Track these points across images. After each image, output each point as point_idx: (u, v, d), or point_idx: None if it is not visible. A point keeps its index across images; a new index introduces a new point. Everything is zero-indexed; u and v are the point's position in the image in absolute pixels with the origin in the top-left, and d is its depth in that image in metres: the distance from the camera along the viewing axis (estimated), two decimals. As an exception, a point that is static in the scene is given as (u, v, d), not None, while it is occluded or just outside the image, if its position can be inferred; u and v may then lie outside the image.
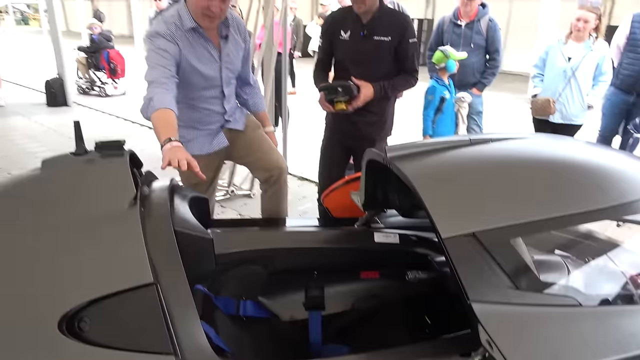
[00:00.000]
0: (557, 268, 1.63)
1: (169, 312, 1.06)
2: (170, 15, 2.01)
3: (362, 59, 2.45)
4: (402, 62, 2.50)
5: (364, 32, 2.42)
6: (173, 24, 1.98)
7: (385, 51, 2.43)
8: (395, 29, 2.42)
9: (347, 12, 2.49)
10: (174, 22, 1.98)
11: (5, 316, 1.00)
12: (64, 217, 1.16)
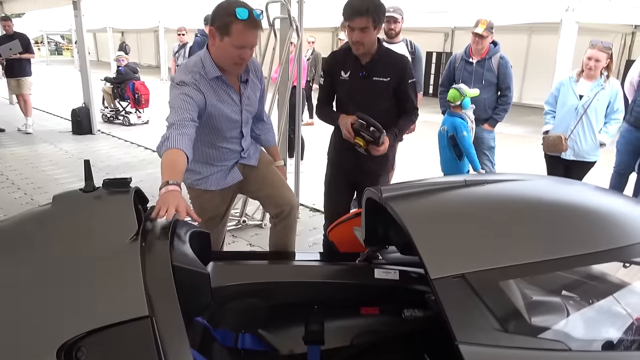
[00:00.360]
0: (555, 310, 1.62)
1: (162, 344, 1.10)
2: (194, 64, 2.08)
3: (362, 99, 2.52)
4: (403, 102, 2.57)
5: (363, 73, 2.50)
6: (197, 73, 2.04)
7: (384, 91, 2.51)
8: (394, 70, 2.50)
9: (348, 52, 2.57)
10: (198, 72, 2.04)
11: (8, 342, 1.06)
12: (69, 251, 1.23)
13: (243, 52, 2.00)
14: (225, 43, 1.96)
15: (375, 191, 1.59)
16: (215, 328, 1.71)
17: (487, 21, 4.03)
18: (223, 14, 1.93)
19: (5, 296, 1.12)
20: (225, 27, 1.93)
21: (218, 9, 1.97)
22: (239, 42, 1.95)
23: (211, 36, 2.01)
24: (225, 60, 2.04)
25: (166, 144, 1.78)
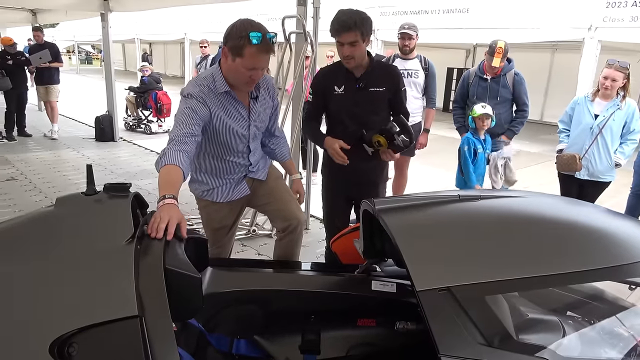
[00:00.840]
0: (549, 328, 1.61)
1: (150, 344, 1.14)
2: (204, 78, 2.10)
3: (359, 111, 2.57)
4: (398, 108, 2.67)
5: (360, 85, 2.55)
6: (206, 87, 2.06)
7: (381, 101, 2.58)
8: (387, 80, 2.58)
9: (338, 67, 2.62)
10: (207, 85, 2.07)
11: (3, 336, 1.11)
12: (67, 250, 1.29)
13: (254, 73, 2.01)
14: (237, 64, 1.97)
15: (370, 203, 1.62)
16: (210, 333, 1.74)
17: (502, 49, 3.95)
18: (236, 35, 1.93)
19: (2, 292, 1.18)
20: (237, 48, 1.93)
21: (232, 29, 1.96)
22: (250, 64, 1.96)
23: (224, 55, 2.02)
24: (235, 80, 2.06)
25: (163, 160, 1.80)
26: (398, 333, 1.82)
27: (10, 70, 7.40)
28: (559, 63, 12.65)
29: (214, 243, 2.43)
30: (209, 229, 2.43)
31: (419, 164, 6.31)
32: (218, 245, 2.45)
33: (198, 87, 2.06)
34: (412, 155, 4.58)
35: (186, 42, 17.10)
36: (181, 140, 1.89)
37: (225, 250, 2.51)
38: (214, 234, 2.43)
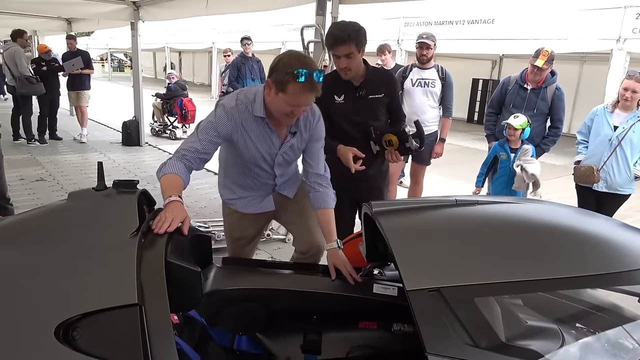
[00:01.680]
0: (548, 336, 1.61)
1: (148, 331, 1.21)
2: (245, 95, 2.01)
3: (360, 119, 2.62)
4: (396, 113, 2.75)
5: (360, 93, 2.61)
6: (244, 104, 1.98)
7: (381, 107, 2.65)
8: (385, 86, 2.64)
9: (336, 77, 2.65)
10: (245, 103, 1.99)
11: (12, 319, 1.19)
12: (75, 241, 1.37)
13: (296, 110, 1.91)
14: (280, 98, 1.87)
15: (368, 206, 1.66)
16: (212, 328, 1.80)
17: (549, 52, 3.89)
18: (282, 69, 1.82)
19: (12, 276, 1.27)
20: (282, 83, 1.83)
21: (278, 62, 1.86)
22: (293, 101, 1.86)
23: (267, 86, 1.92)
24: (276, 112, 1.96)
25: (163, 170, 1.83)
26: (398, 336, 1.85)
27: (44, 76, 7.72)
28: (588, 75, 12.43)
29: (232, 252, 2.42)
30: (229, 238, 2.43)
31: (437, 174, 6.30)
32: (236, 255, 2.43)
33: (235, 102, 2.00)
34: (428, 164, 4.58)
35: (214, 51, 17.48)
36: (186, 156, 1.89)
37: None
38: (233, 243, 2.43)
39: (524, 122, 3.81)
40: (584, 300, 1.82)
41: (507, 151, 3.90)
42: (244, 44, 7.50)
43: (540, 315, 1.76)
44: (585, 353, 1.56)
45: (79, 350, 1.16)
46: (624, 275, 1.36)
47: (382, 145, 2.59)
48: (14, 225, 1.48)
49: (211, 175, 6.57)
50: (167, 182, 1.76)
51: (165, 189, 1.71)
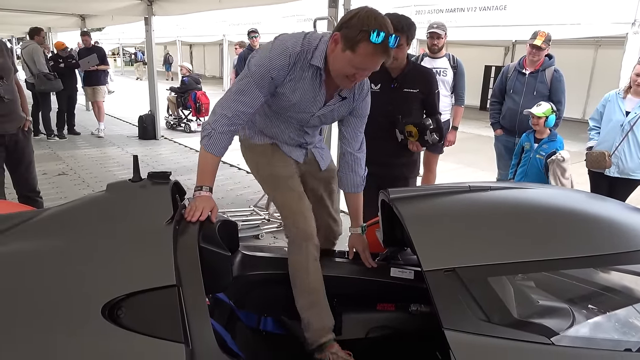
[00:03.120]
0: (558, 314, 1.69)
1: (185, 309, 1.32)
2: (309, 41, 1.78)
3: (392, 110, 2.69)
4: (430, 109, 2.80)
5: (395, 85, 2.68)
6: (305, 52, 1.76)
7: (413, 102, 2.70)
8: (422, 82, 2.69)
9: None
10: (306, 50, 1.76)
11: (64, 301, 1.31)
12: (116, 228, 1.48)
13: (359, 73, 1.72)
14: (345, 57, 1.67)
15: (386, 193, 1.75)
16: (240, 310, 1.91)
17: (545, 34, 4.04)
18: (357, 25, 1.62)
19: (63, 262, 1.38)
20: (352, 41, 1.63)
21: (353, 17, 1.65)
22: (360, 63, 1.67)
23: (334, 40, 1.71)
24: (335, 70, 1.75)
25: (208, 142, 1.75)
26: (415, 317, 1.94)
27: (61, 72, 7.88)
28: (602, 60, 12.29)
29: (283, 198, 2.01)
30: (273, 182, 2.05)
31: (451, 162, 6.35)
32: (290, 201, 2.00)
33: (300, 46, 1.75)
34: (441, 152, 4.64)
35: (225, 43, 17.57)
36: (235, 122, 1.76)
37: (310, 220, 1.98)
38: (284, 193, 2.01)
39: (547, 109, 3.82)
40: (595, 281, 1.89)
41: (531, 141, 3.94)
42: (251, 37, 7.51)
43: (552, 296, 1.84)
44: (595, 331, 1.64)
45: (124, 327, 1.27)
46: (633, 255, 1.43)
47: (404, 135, 2.69)
48: (59, 215, 1.60)
49: (226, 167, 6.71)
50: (204, 166, 1.75)
51: (201, 175, 1.74)
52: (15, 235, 1.49)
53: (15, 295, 1.30)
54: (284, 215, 2.01)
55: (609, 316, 1.75)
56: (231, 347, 1.55)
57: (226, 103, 1.78)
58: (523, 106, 4.13)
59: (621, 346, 1.48)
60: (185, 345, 1.25)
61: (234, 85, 1.81)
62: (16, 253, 1.40)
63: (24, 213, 1.69)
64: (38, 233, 1.50)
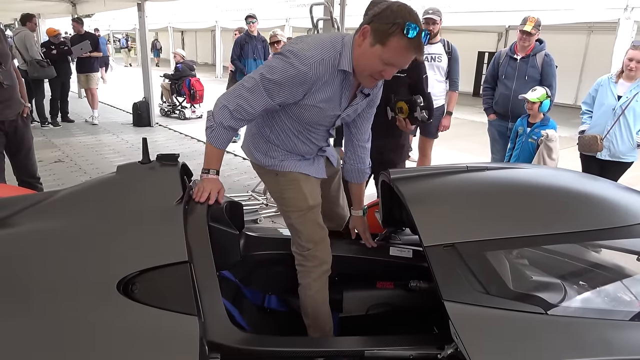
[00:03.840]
0: (551, 289, 1.77)
1: (197, 284, 1.38)
2: (332, 44, 1.67)
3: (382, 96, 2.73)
4: (420, 94, 2.79)
5: None
6: (331, 59, 1.65)
7: (401, 86, 2.73)
8: (410, 67, 2.70)
9: None
10: (332, 57, 1.65)
11: (81, 277, 1.36)
12: (129, 208, 1.54)
13: (388, 70, 1.64)
14: (375, 51, 1.59)
15: (386, 174, 1.81)
16: (246, 287, 1.98)
17: (535, 19, 4.10)
18: (389, 17, 1.55)
19: (79, 240, 1.43)
20: (384, 34, 1.56)
21: (386, 9, 1.57)
22: (391, 58, 1.59)
23: (362, 34, 1.62)
24: (362, 67, 1.67)
25: (214, 137, 1.72)
26: (413, 294, 2.02)
27: (54, 59, 7.82)
28: (595, 45, 12.35)
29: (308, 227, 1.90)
30: (297, 211, 1.90)
31: (445, 148, 6.41)
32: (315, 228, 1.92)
33: (320, 55, 1.63)
34: (435, 137, 4.71)
35: (217, 30, 17.43)
36: (234, 114, 1.69)
37: (329, 247, 1.96)
38: (307, 212, 1.89)
39: (542, 94, 3.89)
40: (586, 259, 1.98)
41: (524, 126, 4.02)
42: (249, 22, 7.20)
43: (545, 272, 1.92)
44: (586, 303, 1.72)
45: (138, 300, 1.33)
46: (624, 230, 1.51)
47: (395, 112, 2.72)
48: (73, 196, 1.64)
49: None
50: (211, 153, 1.76)
51: (208, 160, 1.75)
52: (31, 216, 1.54)
53: (35, 272, 1.35)
54: (303, 243, 1.91)
55: (599, 290, 1.84)
56: (239, 322, 1.61)
57: (231, 97, 1.71)
58: (515, 91, 4.21)
59: (610, 316, 1.57)
60: (198, 317, 1.31)
61: (245, 80, 1.73)
62: (34, 232, 1.45)
63: (37, 195, 1.74)
64: (53, 213, 1.55)
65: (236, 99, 1.70)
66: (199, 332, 1.28)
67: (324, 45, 1.67)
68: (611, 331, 1.38)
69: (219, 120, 1.71)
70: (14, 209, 1.59)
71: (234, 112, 1.70)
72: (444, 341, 1.41)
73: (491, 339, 1.31)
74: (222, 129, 1.72)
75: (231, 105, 1.70)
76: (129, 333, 1.27)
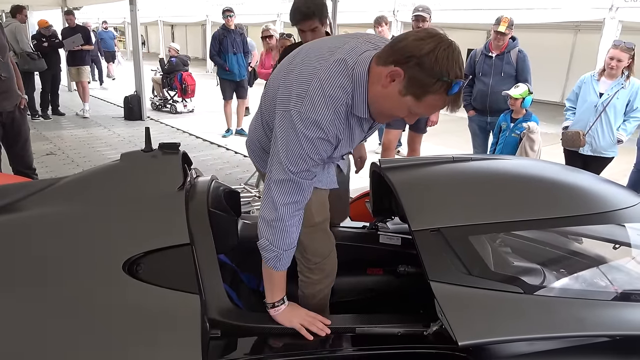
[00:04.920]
0: (530, 273, 1.88)
1: (198, 265, 1.46)
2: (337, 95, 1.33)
3: None
4: None
5: None
6: (342, 107, 1.35)
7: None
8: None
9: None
10: (343, 104, 1.34)
11: (88, 259, 1.44)
12: (132, 193, 1.61)
13: (412, 117, 1.39)
14: (405, 102, 1.30)
15: (377, 163, 1.90)
16: (242, 272, 2.06)
17: (508, 19, 4.33)
18: (433, 70, 1.22)
19: (86, 224, 1.51)
20: (423, 89, 1.25)
21: (430, 54, 1.22)
22: (422, 111, 1.34)
23: (390, 76, 1.28)
24: (380, 110, 1.40)
25: (280, 264, 1.52)
26: (401, 280, 2.12)
27: (45, 52, 7.80)
28: (581, 44, 12.54)
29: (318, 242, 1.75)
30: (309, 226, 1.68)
31: (433, 144, 6.54)
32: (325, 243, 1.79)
33: (332, 112, 1.33)
34: (424, 132, 4.82)
35: (208, 24, 17.37)
36: (299, 211, 1.47)
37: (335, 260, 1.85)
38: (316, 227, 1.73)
39: (524, 91, 4.04)
40: (565, 247, 2.09)
41: (507, 121, 4.15)
42: (226, 16, 7.02)
43: (525, 259, 2.03)
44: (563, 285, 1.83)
45: (143, 280, 1.42)
46: (599, 216, 1.62)
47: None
48: (78, 182, 1.72)
49: (214, 147, 6.80)
50: (278, 280, 1.56)
51: (276, 288, 1.56)
52: (37, 201, 1.61)
53: (44, 254, 1.43)
54: (310, 257, 1.75)
55: (577, 276, 1.96)
56: (237, 303, 1.70)
57: (282, 190, 1.41)
58: (492, 87, 4.43)
59: (586, 296, 1.68)
60: (199, 296, 1.40)
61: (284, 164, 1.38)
62: (42, 216, 1.53)
63: (42, 181, 1.81)
64: (59, 199, 1.62)
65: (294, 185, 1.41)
66: (200, 309, 1.37)
67: (331, 96, 1.33)
68: (586, 310, 1.49)
69: (285, 248, 1.49)
70: (20, 195, 1.66)
71: (297, 214, 1.47)
72: (429, 319, 1.51)
73: (474, 317, 1.40)
74: (287, 243, 1.49)
75: (292, 211, 1.44)
76: (134, 310, 1.36)
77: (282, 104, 1.39)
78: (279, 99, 1.41)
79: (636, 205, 1.70)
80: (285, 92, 1.39)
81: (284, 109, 1.37)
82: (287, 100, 1.37)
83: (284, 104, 1.38)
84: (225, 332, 1.44)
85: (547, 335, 1.42)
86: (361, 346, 1.52)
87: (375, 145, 6.54)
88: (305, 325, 1.49)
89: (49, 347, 1.24)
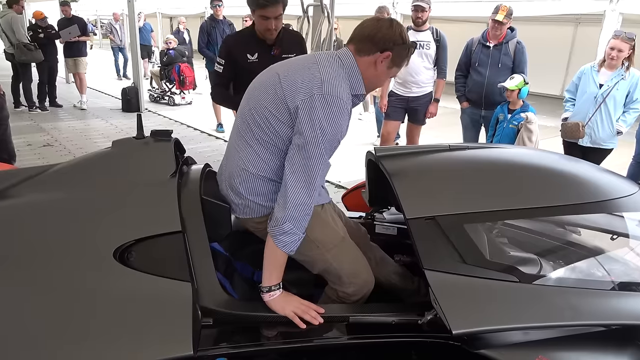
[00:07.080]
0: (527, 262, 1.87)
1: (190, 253, 1.44)
2: (339, 84, 1.54)
3: None
4: None
5: (274, 52, 2.66)
6: (348, 95, 1.58)
7: None
8: (297, 46, 2.73)
9: (249, 34, 2.70)
10: (348, 91, 1.57)
11: (79, 246, 1.42)
12: (124, 180, 1.59)
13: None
14: (391, 72, 1.67)
15: (372, 152, 1.88)
16: (236, 261, 2.05)
17: (507, 8, 4.20)
18: (405, 43, 1.61)
19: (77, 210, 1.49)
20: (402, 58, 1.63)
21: (402, 34, 1.60)
22: (398, 73, 1.86)
23: (381, 60, 1.59)
24: (373, 86, 1.70)
25: (293, 243, 1.52)
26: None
27: (41, 43, 7.74)
28: (582, 37, 12.46)
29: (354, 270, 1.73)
30: (328, 248, 1.70)
31: (432, 136, 6.50)
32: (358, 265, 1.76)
33: (344, 87, 1.56)
34: (423, 124, 4.79)
35: (206, 15, 17.26)
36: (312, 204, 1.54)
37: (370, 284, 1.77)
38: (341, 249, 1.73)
39: (520, 82, 3.99)
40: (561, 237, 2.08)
41: (505, 112, 4.12)
42: (214, 5, 6.77)
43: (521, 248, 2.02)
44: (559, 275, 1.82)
45: (134, 268, 1.40)
46: (594, 205, 1.60)
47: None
48: (70, 168, 1.70)
49: (212, 139, 6.78)
50: (279, 262, 1.56)
51: (273, 272, 1.54)
52: (30, 188, 1.59)
53: (34, 241, 1.41)
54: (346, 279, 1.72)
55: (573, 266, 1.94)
56: (230, 292, 1.68)
57: (299, 191, 1.49)
58: (489, 78, 4.31)
59: (582, 285, 1.67)
60: (191, 283, 1.38)
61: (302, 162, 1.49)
62: (33, 203, 1.51)
63: (34, 168, 1.79)
64: (52, 185, 1.60)
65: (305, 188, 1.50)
66: (192, 297, 1.35)
67: (338, 74, 1.56)
68: (581, 299, 1.47)
69: (303, 222, 1.53)
70: (11, 182, 1.64)
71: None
72: (424, 308, 1.50)
73: (468, 305, 1.39)
74: (300, 226, 1.52)
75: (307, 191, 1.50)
76: (125, 298, 1.34)
77: (297, 97, 1.52)
78: (289, 97, 1.54)
79: (634, 193, 1.69)
80: (294, 91, 1.54)
81: (303, 97, 1.51)
82: (303, 94, 1.51)
83: (302, 95, 1.51)
84: (218, 321, 1.42)
85: (542, 325, 1.41)
86: (355, 335, 1.51)
87: (374, 137, 6.51)
88: (298, 313, 1.49)
89: (38, 334, 1.23)
